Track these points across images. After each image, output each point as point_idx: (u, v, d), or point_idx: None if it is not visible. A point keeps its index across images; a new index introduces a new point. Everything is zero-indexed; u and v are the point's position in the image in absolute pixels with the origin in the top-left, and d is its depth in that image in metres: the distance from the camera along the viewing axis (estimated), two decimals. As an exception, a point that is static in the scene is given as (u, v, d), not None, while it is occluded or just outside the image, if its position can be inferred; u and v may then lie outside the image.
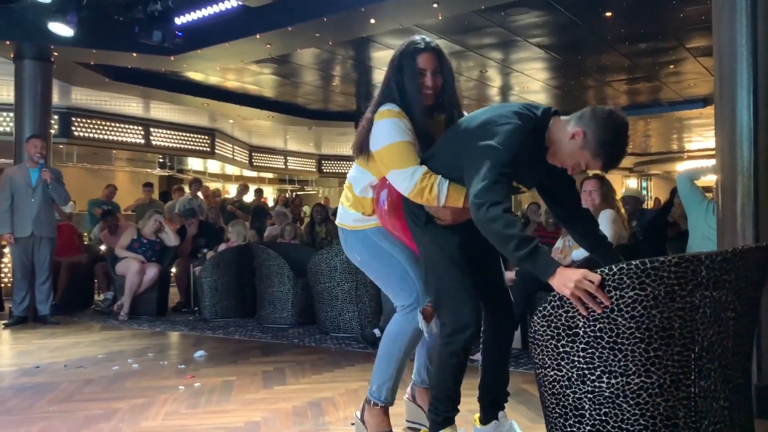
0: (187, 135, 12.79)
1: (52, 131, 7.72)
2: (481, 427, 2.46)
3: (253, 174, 16.43)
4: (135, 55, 7.13)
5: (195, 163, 14.95)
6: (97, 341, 5.16)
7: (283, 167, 16.60)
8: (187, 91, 9.54)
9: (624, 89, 10.13)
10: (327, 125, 12.08)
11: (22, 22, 6.50)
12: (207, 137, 13.10)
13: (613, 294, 1.72)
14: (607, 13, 6.63)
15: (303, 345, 4.93)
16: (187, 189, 9.87)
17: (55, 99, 8.30)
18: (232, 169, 15.72)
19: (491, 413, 2.43)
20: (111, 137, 11.56)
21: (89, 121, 11.14)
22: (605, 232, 3.77)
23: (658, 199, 13.91)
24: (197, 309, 6.63)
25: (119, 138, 11.69)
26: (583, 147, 2.04)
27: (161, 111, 11.33)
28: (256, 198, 11.20)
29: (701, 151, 16.17)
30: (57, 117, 10.04)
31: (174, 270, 7.28)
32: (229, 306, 6.37)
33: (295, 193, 16.20)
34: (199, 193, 9.63)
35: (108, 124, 11.44)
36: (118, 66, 7.97)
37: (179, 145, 12.77)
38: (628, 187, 17.35)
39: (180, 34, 6.50)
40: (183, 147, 12.85)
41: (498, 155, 2.04)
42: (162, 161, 14.11)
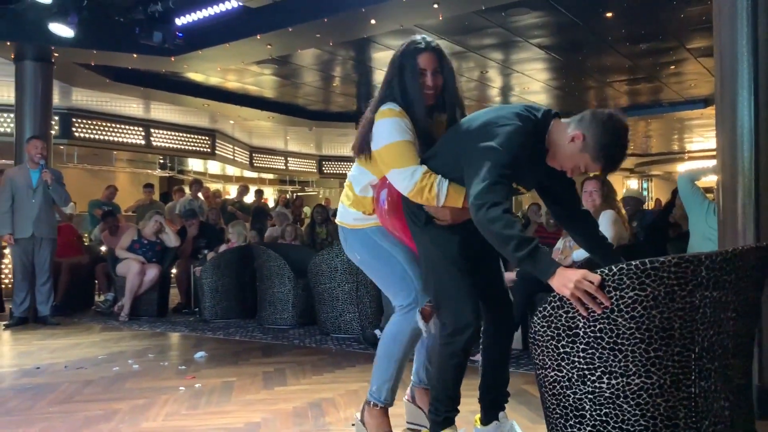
0: (188, 136, 12.80)
1: (52, 132, 7.73)
2: (482, 428, 2.46)
3: (254, 175, 16.44)
4: (135, 56, 7.14)
5: (195, 164, 14.96)
6: (98, 342, 5.16)
7: (284, 168, 16.61)
8: (188, 92, 9.55)
9: (625, 90, 10.13)
10: (327, 126, 12.09)
11: (22, 22, 6.50)
12: (207, 138, 13.11)
13: (613, 294, 1.72)
14: (608, 14, 6.63)
15: (303, 346, 4.93)
16: (188, 190, 9.87)
17: (56, 100, 8.30)
18: (232, 170, 15.74)
19: (492, 414, 2.43)
20: (111, 138, 11.57)
21: (90, 122, 11.15)
22: (606, 232, 3.78)
23: (659, 200, 13.89)
24: (198, 310, 6.63)
25: (120, 139, 11.70)
26: (583, 150, 2.04)
27: (162, 112, 11.34)
28: (256, 199, 11.20)
29: (702, 152, 16.17)
30: (57, 118, 10.05)
31: (174, 271, 7.28)
32: (230, 307, 6.37)
33: (296, 194, 16.21)
34: (200, 194, 9.63)
35: (108, 125, 11.45)
36: (118, 67, 7.98)
37: (180, 146, 12.78)
38: (628, 188, 17.33)
39: (180, 34, 6.51)
40: (183, 148, 12.86)
41: (498, 156, 2.04)
42: (162, 162, 14.13)
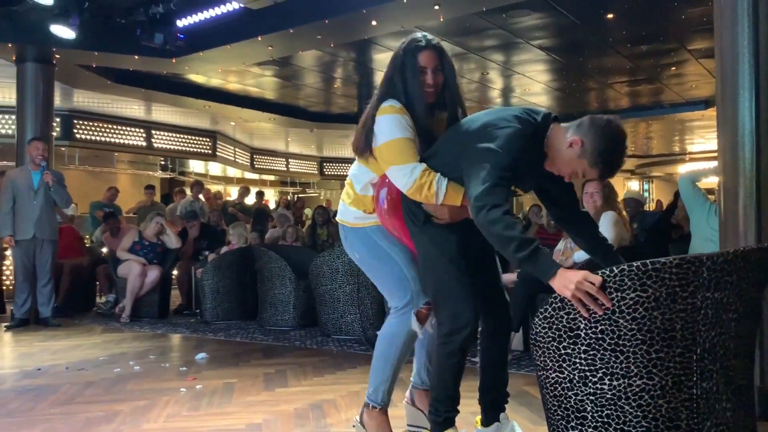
0: (189, 137, 12.81)
1: (54, 134, 7.74)
2: (483, 429, 2.46)
3: (255, 176, 16.45)
4: (137, 58, 7.14)
5: (196, 166, 14.97)
6: (99, 343, 5.16)
7: (285, 169, 16.61)
8: (189, 94, 9.55)
9: (625, 91, 10.13)
10: (328, 127, 12.08)
11: (24, 24, 6.51)
12: (208, 139, 13.12)
13: (615, 295, 1.72)
14: (609, 15, 6.63)
15: (304, 347, 4.93)
16: (189, 191, 9.89)
17: (57, 101, 8.31)
18: (233, 172, 15.74)
19: (492, 415, 2.43)
20: (113, 140, 11.58)
21: (91, 124, 11.16)
22: (607, 234, 3.78)
23: (660, 202, 13.88)
24: (199, 311, 6.64)
25: (121, 140, 11.71)
26: (581, 156, 2.05)
27: (163, 113, 11.35)
28: (257, 200, 11.21)
29: (703, 153, 16.16)
30: (59, 119, 10.06)
31: (175, 272, 7.28)
32: (231, 308, 6.37)
33: (297, 196, 16.20)
34: (201, 196, 9.64)
35: (110, 126, 11.46)
36: (119, 68, 7.99)
37: (181, 148, 12.79)
38: (629, 189, 17.32)
39: (182, 36, 6.51)
40: (184, 149, 12.87)
41: (498, 158, 2.05)
42: (164, 163, 14.14)
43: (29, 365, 4.29)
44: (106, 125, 11.38)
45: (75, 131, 10.94)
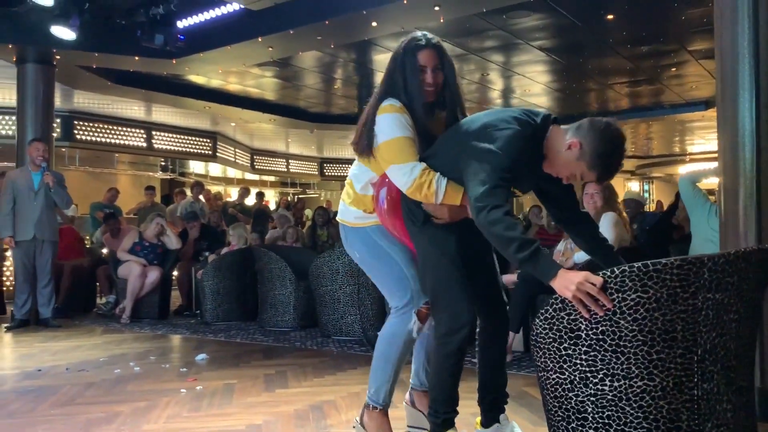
0: (189, 138, 12.81)
1: (54, 134, 7.74)
2: (483, 430, 2.45)
3: (255, 177, 16.45)
4: (137, 59, 7.14)
5: (197, 166, 14.97)
6: (99, 344, 5.16)
7: (285, 170, 16.62)
8: (189, 95, 9.55)
9: (626, 92, 10.13)
10: (329, 128, 12.09)
11: (24, 25, 6.52)
12: (209, 140, 13.12)
13: (615, 296, 1.72)
14: (609, 16, 6.63)
15: (305, 348, 4.93)
16: (189, 192, 9.89)
17: (57, 102, 8.31)
18: (233, 172, 15.75)
19: (492, 416, 2.43)
20: (113, 140, 11.58)
21: (91, 125, 11.16)
22: (607, 234, 3.78)
23: (660, 202, 13.87)
24: (199, 312, 6.64)
25: (121, 141, 11.71)
26: (579, 158, 2.05)
27: (163, 114, 11.35)
28: (257, 201, 11.21)
29: (703, 154, 16.16)
30: (59, 120, 10.06)
31: (176, 273, 7.28)
32: (231, 309, 6.37)
33: (297, 196, 16.21)
34: (201, 197, 9.64)
35: (110, 127, 11.46)
36: (120, 69, 7.99)
37: (181, 149, 12.79)
38: (629, 190, 17.32)
39: (182, 37, 6.51)
40: (185, 150, 12.87)
41: (498, 160, 2.06)
42: (164, 164, 14.15)
43: (30, 366, 4.29)
44: (106, 126, 11.39)
45: (75, 132, 10.94)
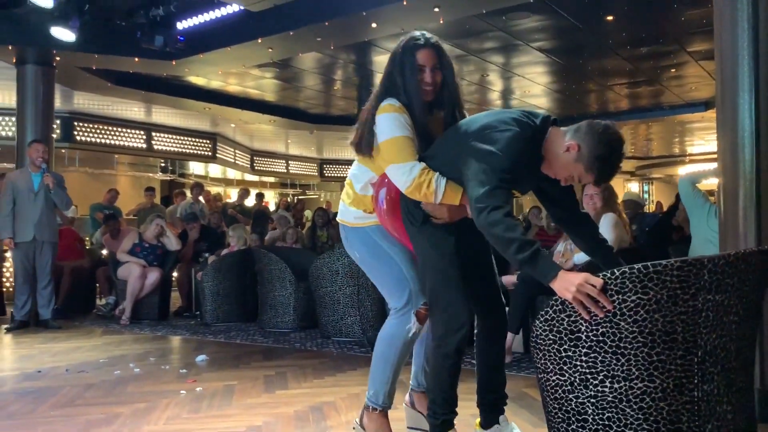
0: (189, 139, 12.81)
1: (54, 136, 7.74)
2: (483, 432, 2.45)
3: (255, 178, 16.45)
4: (137, 60, 7.14)
5: (197, 168, 14.97)
6: (99, 345, 5.16)
7: (285, 171, 16.61)
8: (189, 96, 9.55)
9: (625, 93, 10.13)
10: (328, 129, 12.08)
11: (24, 26, 6.52)
12: (208, 141, 13.12)
13: (616, 298, 1.72)
14: (609, 17, 6.63)
15: (305, 349, 4.93)
16: (189, 193, 9.88)
17: (57, 103, 8.31)
18: (233, 174, 15.74)
19: (492, 417, 2.43)
20: (113, 142, 11.58)
21: (91, 126, 11.16)
22: (607, 236, 3.78)
23: (660, 203, 13.87)
24: (199, 313, 6.64)
25: (121, 142, 11.71)
26: (577, 160, 2.05)
27: (163, 115, 11.35)
28: (257, 202, 11.21)
29: (703, 155, 16.16)
30: (59, 121, 10.05)
31: (176, 274, 7.28)
32: (231, 310, 6.37)
33: (297, 197, 16.22)
34: (201, 198, 9.64)
35: (110, 128, 11.46)
36: (120, 70, 7.98)
37: (181, 150, 12.79)
38: (629, 191, 17.33)
39: (182, 38, 6.52)
40: (185, 151, 12.87)
41: (498, 161, 2.06)
42: (164, 165, 14.15)
43: (29, 367, 4.29)
44: (106, 127, 11.39)
45: (75, 133, 10.94)
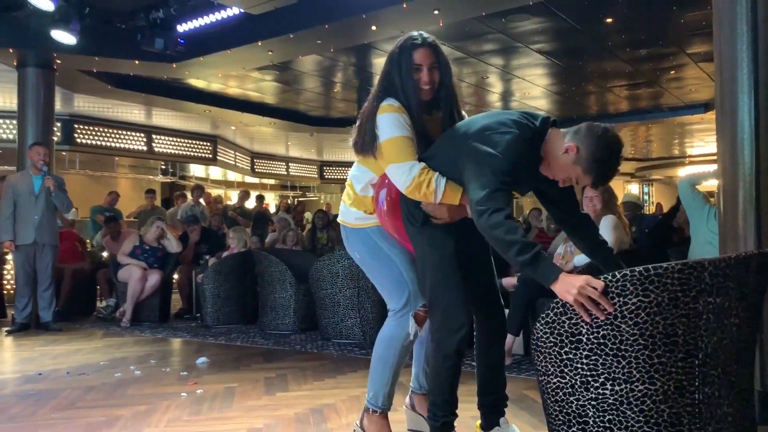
0: (189, 142, 12.83)
1: (54, 138, 7.75)
2: (484, 434, 2.46)
3: (255, 180, 16.46)
4: (137, 63, 7.16)
5: (197, 170, 14.98)
6: (100, 348, 5.16)
7: (285, 173, 16.62)
8: (189, 98, 9.57)
9: (625, 95, 10.14)
10: (328, 131, 12.11)
11: (25, 29, 6.53)
12: (209, 144, 13.14)
13: (617, 300, 1.72)
14: (608, 20, 6.65)
15: (305, 351, 4.93)
16: (189, 195, 9.88)
17: (58, 106, 8.32)
18: (234, 176, 15.75)
19: (492, 419, 2.43)
20: (113, 144, 11.60)
21: (92, 128, 11.18)
22: (607, 237, 3.77)
23: (660, 205, 13.88)
24: (199, 315, 6.64)
25: (121, 145, 11.73)
26: (576, 162, 2.06)
27: (163, 118, 11.36)
28: (257, 204, 11.21)
29: (703, 156, 16.18)
30: (59, 124, 10.07)
31: (176, 277, 7.28)
32: (231, 312, 6.38)
33: (297, 200, 16.23)
34: (201, 200, 9.64)
35: (110, 131, 11.48)
36: (120, 73, 8.00)
37: (181, 152, 12.81)
38: (629, 193, 17.34)
39: (182, 41, 6.53)
40: (185, 154, 12.89)
41: (498, 164, 2.06)
42: (164, 168, 14.15)
43: (30, 370, 4.29)
44: (106, 130, 11.41)
45: (76, 136, 10.95)
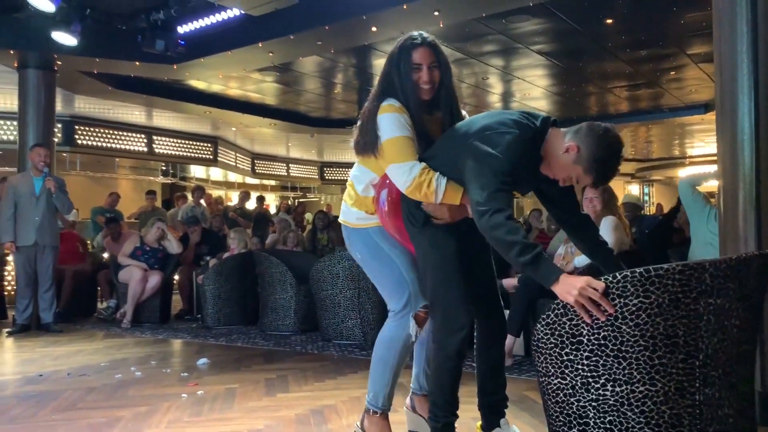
0: (190, 143, 12.84)
1: (55, 139, 7.76)
2: (484, 435, 2.46)
3: (256, 181, 16.46)
4: (138, 64, 7.16)
5: (198, 171, 14.99)
6: (100, 349, 5.16)
7: (286, 174, 16.63)
8: (190, 99, 9.58)
9: (625, 95, 10.15)
10: (329, 132, 12.11)
11: (25, 31, 6.54)
12: (209, 145, 13.15)
13: (617, 301, 1.72)
14: (608, 20, 6.65)
15: (305, 352, 4.93)
16: (190, 196, 9.89)
17: (59, 107, 8.33)
18: (234, 177, 15.76)
19: (493, 420, 2.43)
20: (114, 145, 11.62)
21: (92, 130, 11.19)
22: (607, 238, 3.77)
23: (660, 205, 13.87)
24: (200, 316, 6.64)
25: (122, 146, 11.74)
26: (576, 161, 2.06)
27: (164, 119, 11.37)
28: (258, 205, 11.22)
29: (703, 157, 16.17)
30: (60, 125, 10.08)
31: (177, 277, 7.28)
32: (232, 313, 6.38)
33: (298, 201, 16.23)
34: (202, 201, 9.65)
35: (111, 132, 11.50)
36: (121, 74, 8.00)
37: (182, 153, 12.82)
38: (629, 193, 17.33)
39: (182, 42, 6.53)
40: (186, 155, 12.90)
41: (499, 164, 2.07)
42: (165, 169, 14.16)
43: (31, 371, 4.29)
44: (107, 131, 11.42)
45: (76, 137, 10.96)
